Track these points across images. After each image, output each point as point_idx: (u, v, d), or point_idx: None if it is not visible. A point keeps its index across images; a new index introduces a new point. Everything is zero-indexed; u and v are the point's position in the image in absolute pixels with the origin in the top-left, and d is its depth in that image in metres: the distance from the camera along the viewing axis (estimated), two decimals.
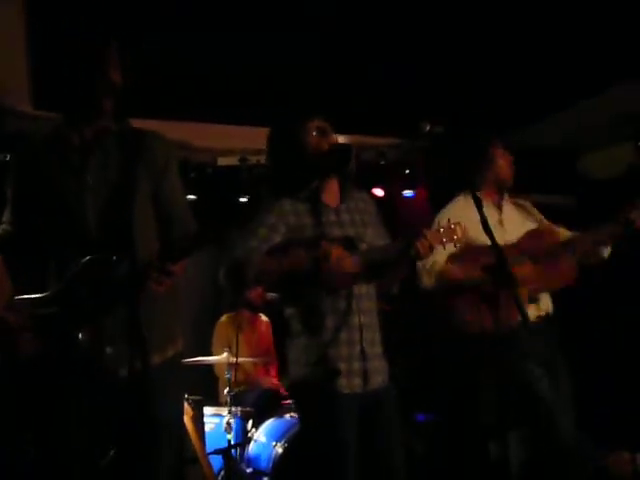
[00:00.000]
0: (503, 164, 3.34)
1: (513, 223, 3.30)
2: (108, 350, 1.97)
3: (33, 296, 1.97)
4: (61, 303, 1.95)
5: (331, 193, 2.72)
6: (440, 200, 3.37)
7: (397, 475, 2.58)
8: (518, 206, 3.42)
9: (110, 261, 1.93)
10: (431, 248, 2.54)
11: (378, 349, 2.67)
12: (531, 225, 3.31)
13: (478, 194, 2.73)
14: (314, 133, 2.66)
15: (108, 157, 2.08)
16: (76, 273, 1.96)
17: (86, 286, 1.94)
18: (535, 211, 3.44)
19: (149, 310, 1.92)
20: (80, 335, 1.91)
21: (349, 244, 2.62)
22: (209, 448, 4.23)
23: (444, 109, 4.03)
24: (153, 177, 2.13)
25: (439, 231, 2.59)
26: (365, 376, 2.56)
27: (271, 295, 5.04)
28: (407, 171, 5.57)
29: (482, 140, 3.40)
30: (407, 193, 5.65)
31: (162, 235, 2.15)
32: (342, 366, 2.53)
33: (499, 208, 3.35)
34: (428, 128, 2.56)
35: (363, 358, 2.57)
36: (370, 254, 2.62)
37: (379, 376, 2.63)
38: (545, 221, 3.39)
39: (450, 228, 2.60)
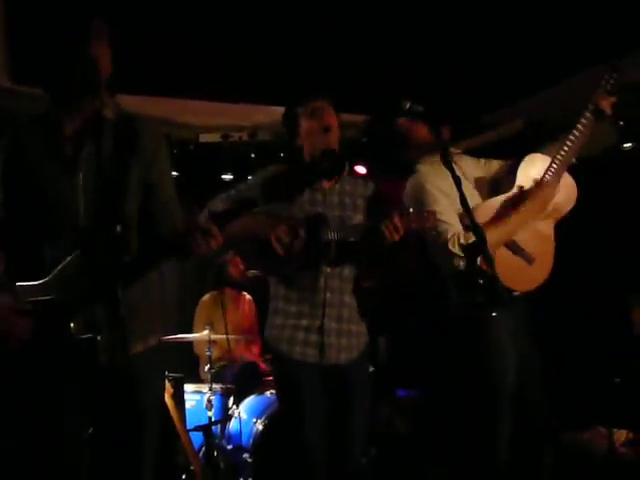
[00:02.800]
0: (416, 132, 2.98)
1: (469, 180, 3.01)
2: (98, 338, 1.97)
3: (27, 283, 1.94)
4: (53, 291, 1.94)
5: None
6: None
7: (353, 448, 2.71)
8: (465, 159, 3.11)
9: (99, 258, 1.92)
10: (398, 232, 2.54)
11: (347, 326, 2.75)
12: (480, 173, 3.06)
13: (429, 165, 2.79)
14: (307, 115, 2.74)
15: (101, 146, 2.01)
16: (66, 266, 1.94)
17: (76, 279, 1.93)
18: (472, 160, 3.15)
19: (134, 299, 2.00)
20: (72, 325, 1.92)
21: (321, 223, 2.68)
22: (190, 425, 4.24)
23: (427, 86, 4.04)
24: (143, 165, 2.09)
25: (409, 216, 2.59)
26: (321, 349, 2.69)
27: (253, 272, 5.06)
28: None
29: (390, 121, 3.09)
30: None
31: (147, 221, 2.13)
32: (300, 335, 2.71)
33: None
34: (408, 106, 2.57)
35: (321, 332, 2.69)
36: (339, 233, 2.67)
37: (343, 353, 2.73)
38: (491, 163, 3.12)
39: (423, 215, 2.61)
